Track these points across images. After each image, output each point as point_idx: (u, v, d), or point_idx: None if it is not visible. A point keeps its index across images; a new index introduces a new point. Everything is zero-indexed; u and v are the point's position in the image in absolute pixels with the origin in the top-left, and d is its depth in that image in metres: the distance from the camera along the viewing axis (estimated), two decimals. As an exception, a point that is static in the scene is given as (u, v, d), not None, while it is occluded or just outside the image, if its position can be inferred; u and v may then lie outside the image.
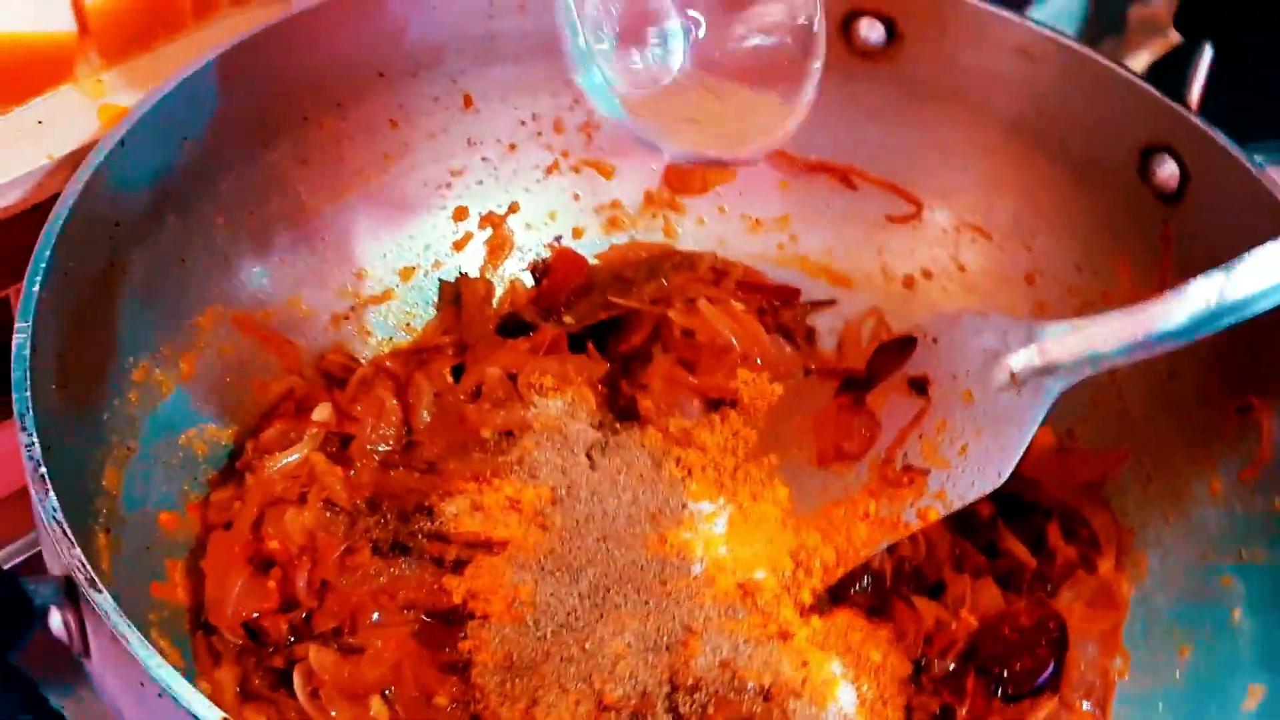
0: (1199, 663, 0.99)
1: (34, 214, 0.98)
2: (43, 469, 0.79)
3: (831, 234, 1.22)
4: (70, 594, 0.76)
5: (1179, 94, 1.05)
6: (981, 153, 1.16)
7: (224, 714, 0.71)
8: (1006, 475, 0.98)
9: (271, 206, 1.10)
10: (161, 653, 0.88)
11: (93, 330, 0.95)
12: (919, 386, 1.03)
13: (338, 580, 0.99)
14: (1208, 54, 1.06)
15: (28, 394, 0.82)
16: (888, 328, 1.19)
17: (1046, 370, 0.97)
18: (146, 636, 0.88)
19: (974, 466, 0.99)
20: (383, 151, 1.14)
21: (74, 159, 0.99)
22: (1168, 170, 1.06)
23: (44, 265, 0.90)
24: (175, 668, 0.88)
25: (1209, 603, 1.00)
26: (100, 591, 0.74)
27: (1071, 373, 0.97)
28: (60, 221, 0.92)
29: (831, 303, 1.21)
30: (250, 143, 1.07)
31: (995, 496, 1.06)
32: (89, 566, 0.75)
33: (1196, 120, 1.03)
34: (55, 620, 0.78)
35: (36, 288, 0.88)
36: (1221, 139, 1.02)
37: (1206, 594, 1.01)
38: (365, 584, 0.99)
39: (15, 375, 0.82)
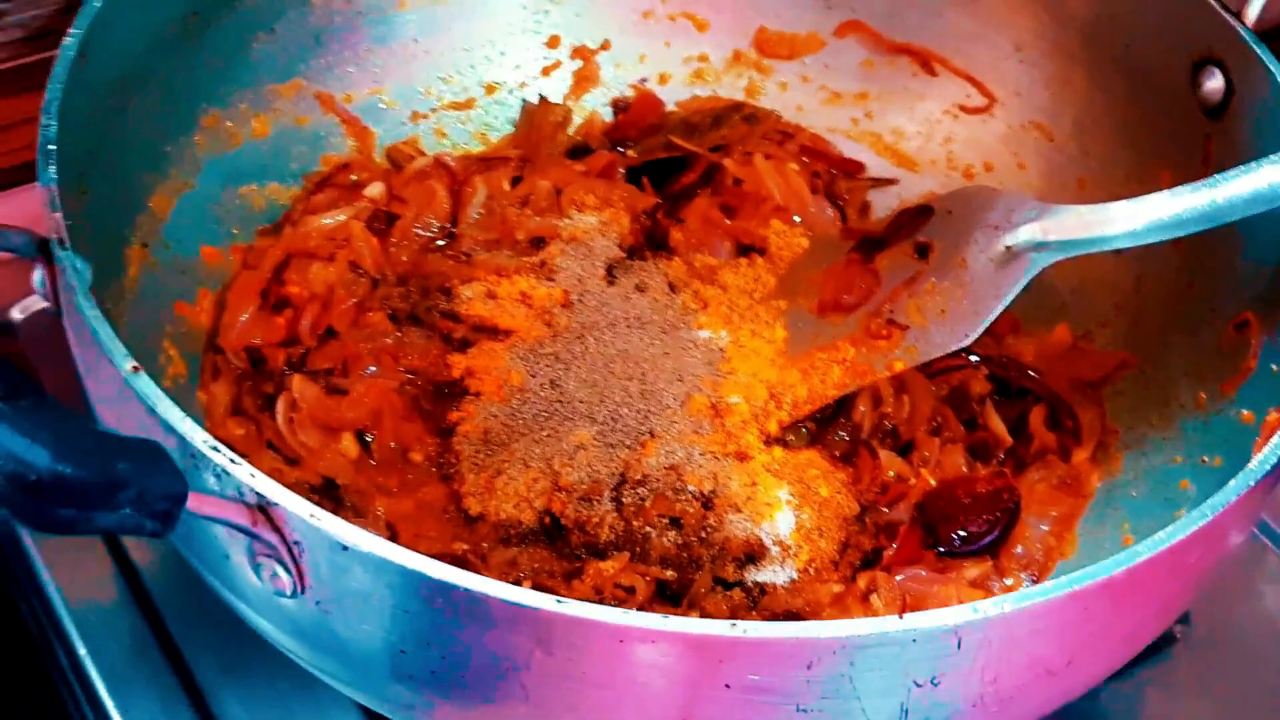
0: (1137, 553, 0.99)
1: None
2: (52, 145, 0.87)
3: (904, 116, 1.25)
4: (45, 251, 0.84)
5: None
6: (1056, 54, 1.18)
7: (135, 363, 0.78)
8: (973, 337, 1.01)
9: (369, -2, 1.17)
10: (167, 359, 0.99)
11: (164, 66, 1.04)
12: (922, 251, 1.06)
13: (346, 331, 1.06)
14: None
15: (61, 85, 0.91)
16: (942, 213, 1.21)
17: (1039, 246, 1.00)
18: (157, 345, 0.99)
19: (948, 327, 1.02)
20: (487, -35, 1.21)
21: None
22: (1214, 84, 1.06)
23: None
24: (179, 379, 0.99)
25: (1163, 503, 1.01)
26: (67, 250, 0.83)
27: (1059, 251, 0.99)
28: None
29: (893, 182, 1.24)
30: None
31: (992, 378, 1.09)
32: (63, 228, 0.83)
33: (1245, 35, 1.03)
34: (37, 275, 0.87)
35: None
36: (1266, 57, 1.02)
37: (1164, 495, 1.02)
38: (371, 341, 1.07)
39: (55, 69, 0.91)
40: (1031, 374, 1.11)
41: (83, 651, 1.02)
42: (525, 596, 0.71)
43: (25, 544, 1.06)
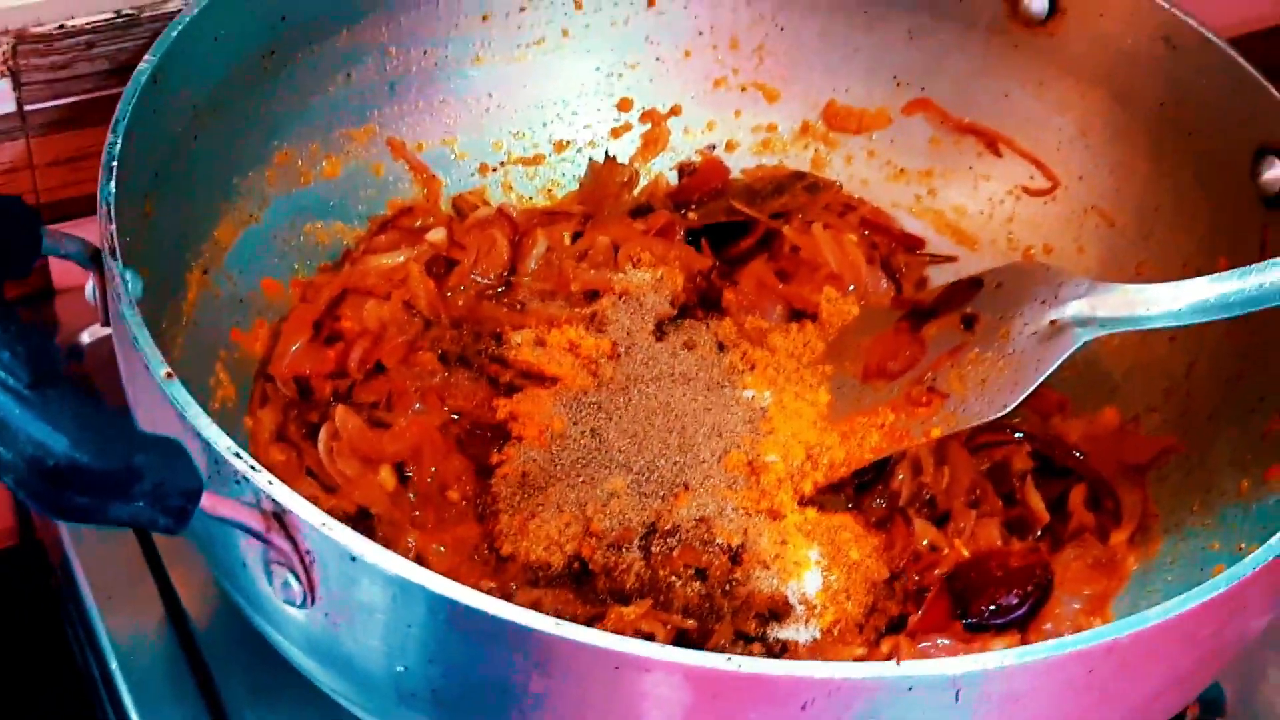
0: (1168, 638, 0.98)
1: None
2: (115, 163, 0.91)
3: (967, 195, 1.26)
4: (97, 261, 0.87)
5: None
6: (1120, 140, 1.18)
7: (169, 369, 0.80)
8: (1010, 407, 1.02)
9: (446, 51, 1.20)
10: (217, 382, 1.02)
11: (240, 100, 1.08)
12: (969, 322, 1.07)
13: (394, 368, 1.08)
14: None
15: (131, 105, 0.94)
16: (998, 293, 1.22)
17: (1084, 321, 1.00)
18: (210, 368, 1.02)
19: (987, 396, 1.02)
20: (562, 27, 1.23)
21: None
22: (1274, 173, 1.06)
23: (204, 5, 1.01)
24: (228, 401, 1.02)
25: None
26: (117, 261, 0.85)
27: (1103, 327, 1.00)
28: None
29: (953, 259, 1.24)
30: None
31: (1035, 455, 1.09)
32: (115, 239, 0.86)
33: (1308, 128, 1.03)
34: (89, 285, 0.90)
35: (186, 19, 1.00)
36: (1328, 150, 1.02)
37: (1198, 580, 1.00)
38: (419, 380, 1.09)
39: (128, 89, 0.95)
40: (1076, 454, 1.10)
41: (114, 665, 1.03)
42: (524, 617, 0.72)
43: (69, 557, 1.08)
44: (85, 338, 1.20)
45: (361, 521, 1.01)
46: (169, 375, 0.80)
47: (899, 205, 1.27)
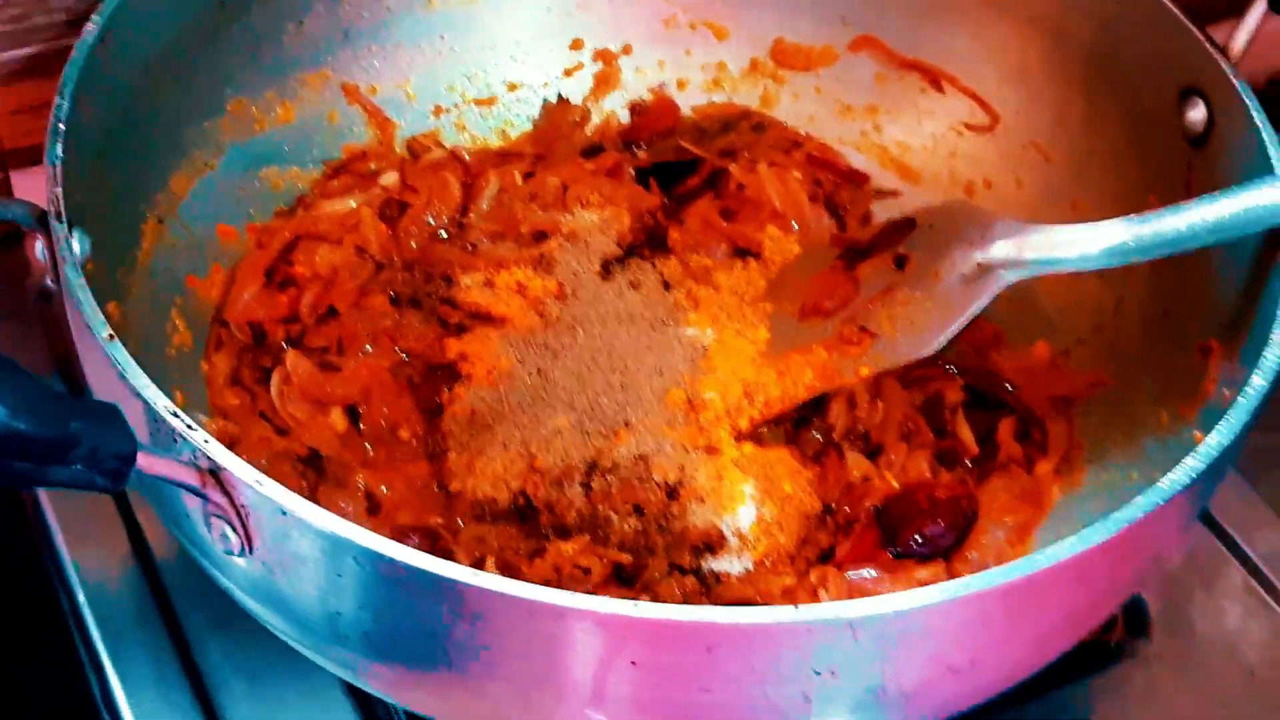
0: (1085, 567, 1.03)
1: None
2: (62, 125, 0.94)
3: (911, 130, 1.28)
4: (44, 223, 0.91)
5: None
6: (1057, 78, 1.21)
7: (111, 331, 0.84)
8: (934, 347, 1.06)
9: (400, -8, 1.23)
10: (173, 328, 1.06)
11: (191, 53, 1.10)
12: (900, 263, 1.10)
13: (346, 311, 1.12)
14: (1260, 4, 1.08)
15: (79, 66, 0.97)
16: (940, 226, 1.25)
17: (1009, 263, 1.04)
18: (166, 314, 1.06)
19: (914, 336, 1.06)
20: (516, -32, 1.26)
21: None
22: (1197, 114, 1.09)
23: None
24: (184, 347, 1.06)
25: (1116, 517, 1.04)
26: (62, 224, 0.89)
27: (1027, 269, 1.03)
28: None
29: (896, 194, 1.28)
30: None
31: (968, 389, 1.13)
32: (61, 203, 0.90)
33: (1227, 69, 1.05)
34: (38, 248, 0.93)
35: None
36: (1244, 91, 1.04)
37: (1117, 508, 1.04)
38: (370, 323, 1.12)
39: (75, 53, 0.98)
40: (1007, 387, 1.13)
41: (82, 598, 1.08)
42: (441, 567, 0.76)
43: (50, 527, 1.13)
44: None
45: (314, 463, 1.05)
46: (110, 337, 0.84)
47: (845, 141, 1.29)
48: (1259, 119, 1.03)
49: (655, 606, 0.76)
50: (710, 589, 1.02)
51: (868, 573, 1.03)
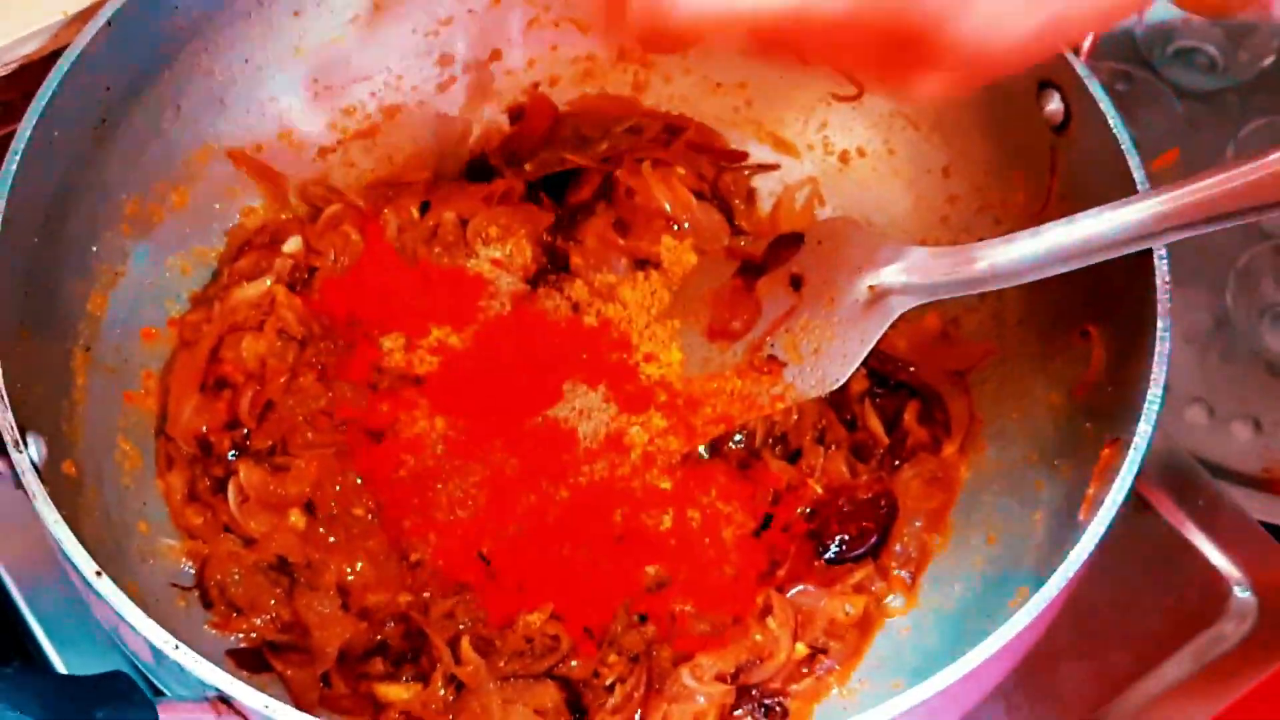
0: (999, 554, 1.13)
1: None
2: None
3: (783, 104, 1.33)
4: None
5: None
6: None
7: (98, 568, 0.90)
8: (841, 381, 1.13)
9: (266, 52, 1.23)
10: (123, 455, 1.11)
11: (83, 180, 1.12)
12: (796, 283, 1.17)
13: (282, 401, 1.17)
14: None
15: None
16: (820, 197, 1.31)
17: (898, 290, 1.11)
18: (112, 442, 1.11)
19: (822, 367, 1.13)
20: (373, 1, 1.27)
21: (85, 15, 1.15)
22: (1055, 105, 1.14)
23: (33, 122, 1.04)
24: (135, 470, 1.11)
25: (1021, 501, 1.14)
26: (22, 452, 0.93)
27: (918, 295, 1.10)
28: (55, 81, 1.06)
29: (775, 167, 1.33)
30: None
31: (871, 373, 1.21)
32: (16, 429, 0.94)
33: (1077, 67, 1.11)
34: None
35: (23, 147, 1.04)
36: (1096, 89, 1.10)
37: (1021, 492, 1.14)
38: (305, 406, 1.18)
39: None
40: (907, 368, 1.22)
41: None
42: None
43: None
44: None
45: (284, 569, 1.12)
46: (98, 573, 0.90)
47: (720, 119, 1.34)
48: (1112, 120, 1.09)
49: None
50: (670, 633, 1.11)
51: (807, 587, 1.13)
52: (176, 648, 0.88)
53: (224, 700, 0.87)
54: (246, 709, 0.87)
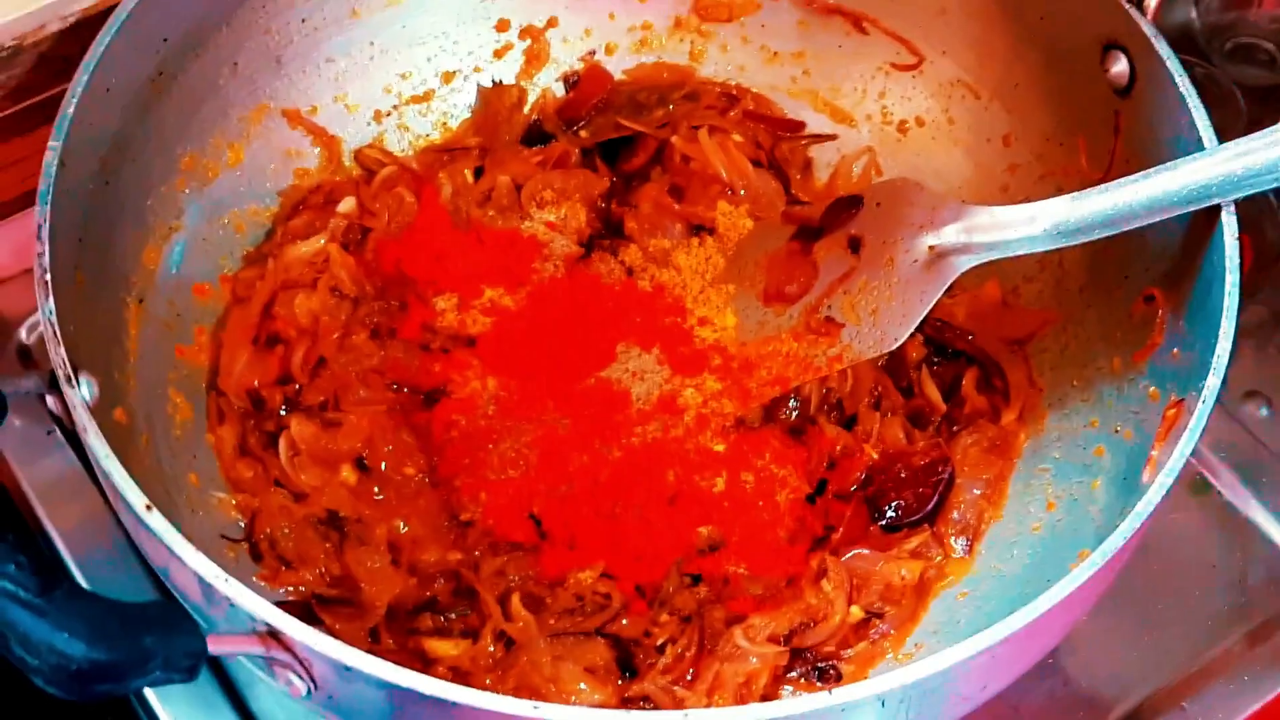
0: (1058, 520, 1.11)
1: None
2: (48, 276, 0.96)
3: (840, 74, 1.32)
4: (54, 383, 0.94)
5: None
6: (978, 17, 1.24)
7: (148, 502, 0.88)
8: (901, 340, 1.11)
9: (324, 13, 1.23)
10: (174, 408, 1.10)
11: (139, 131, 1.12)
12: (855, 246, 1.15)
13: (334, 358, 1.16)
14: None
15: (48, 205, 0.99)
16: (878, 167, 1.30)
17: (960, 249, 1.09)
18: (164, 395, 1.10)
19: (880, 328, 1.12)
20: (435, -36, 1.26)
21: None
22: (1120, 67, 1.13)
23: (91, 69, 1.04)
24: (187, 423, 1.10)
25: (1081, 468, 1.12)
26: (74, 388, 0.93)
27: (980, 253, 1.09)
28: (113, 30, 1.06)
29: (832, 137, 1.32)
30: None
31: (928, 341, 1.19)
32: (68, 363, 0.93)
33: (1145, 27, 1.09)
34: (50, 401, 0.97)
35: (80, 92, 1.03)
36: (1163, 49, 1.08)
37: (1082, 459, 1.12)
38: (358, 363, 1.17)
39: (40, 187, 1.00)
40: (965, 336, 1.20)
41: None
42: (499, 703, 0.83)
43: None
44: (23, 333, 1.26)
45: (333, 521, 1.11)
46: (149, 508, 0.89)
47: (777, 88, 1.33)
48: (1179, 80, 1.07)
49: (703, 714, 0.83)
50: (720, 594, 1.09)
51: (862, 552, 1.11)
52: (227, 581, 0.86)
53: (273, 635, 0.86)
54: (295, 643, 0.85)
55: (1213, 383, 0.96)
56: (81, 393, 0.94)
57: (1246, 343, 1.43)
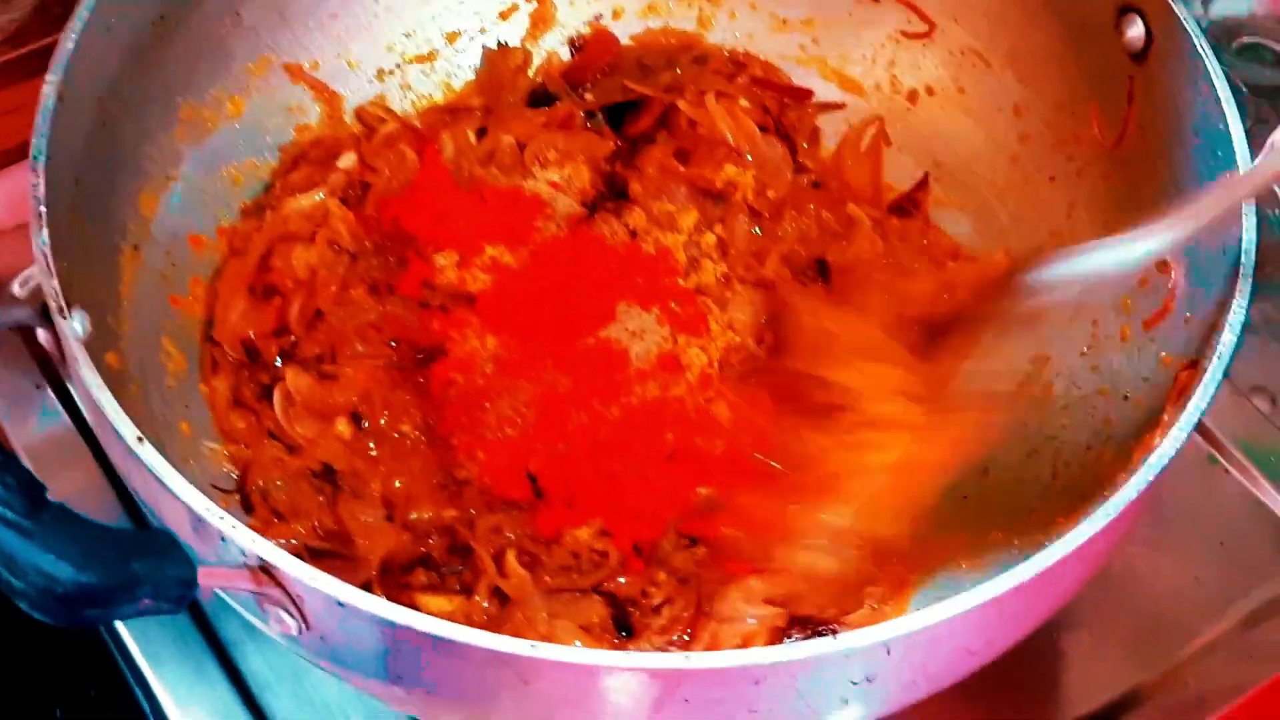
0: (1066, 489, 1.09)
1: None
2: (42, 208, 0.94)
3: (849, 42, 1.30)
4: (46, 316, 0.92)
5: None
6: (988, -14, 1.23)
7: (139, 434, 0.86)
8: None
9: (329, -35, 1.22)
10: (167, 356, 1.08)
11: (139, 75, 1.10)
12: None
13: (331, 312, 1.14)
14: (1189, -80, 1.10)
15: (45, 138, 0.97)
16: (887, 137, 1.29)
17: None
18: (157, 344, 1.08)
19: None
20: (440, -81, 1.25)
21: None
22: (1136, 31, 1.11)
23: (93, 4, 1.02)
24: (180, 373, 1.08)
25: (1090, 436, 1.10)
26: (66, 319, 0.91)
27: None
28: None
29: (840, 106, 1.30)
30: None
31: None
32: (60, 295, 0.91)
33: (1163, -9, 1.08)
34: (41, 335, 0.95)
35: (80, 28, 1.01)
36: (1181, 12, 1.07)
37: (1090, 428, 1.11)
38: (356, 318, 1.15)
39: (37, 120, 0.98)
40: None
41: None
42: (499, 643, 0.81)
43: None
44: (16, 286, 1.23)
45: (327, 474, 1.09)
46: (139, 440, 0.86)
47: (785, 56, 1.31)
48: (1199, 42, 1.05)
49: (707, 656, 0.81)
50: (719, 556, 1.07)
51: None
52: (221, 518, 0.84)
53: (265, 570, 0.84)
54: (288, 579, 0.83)
55: (1227, 339, 0.94)
56: (74, 325, 0.92)
57: (1251, 339, 1.41)
